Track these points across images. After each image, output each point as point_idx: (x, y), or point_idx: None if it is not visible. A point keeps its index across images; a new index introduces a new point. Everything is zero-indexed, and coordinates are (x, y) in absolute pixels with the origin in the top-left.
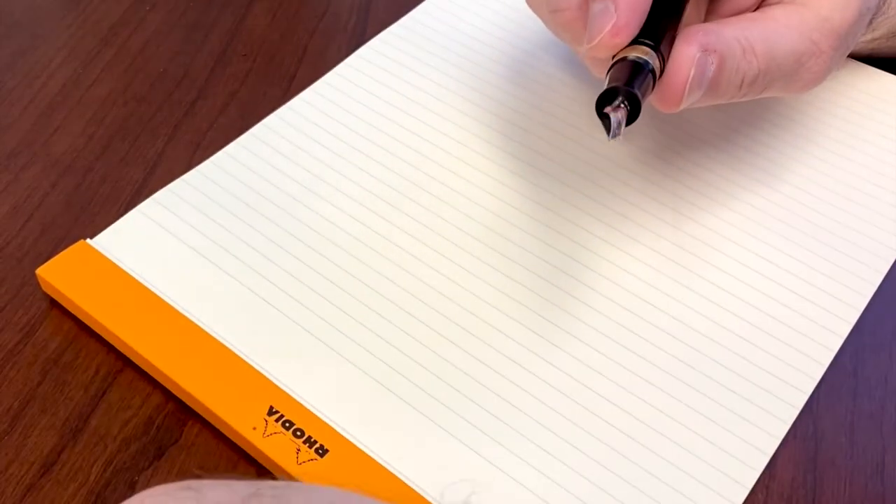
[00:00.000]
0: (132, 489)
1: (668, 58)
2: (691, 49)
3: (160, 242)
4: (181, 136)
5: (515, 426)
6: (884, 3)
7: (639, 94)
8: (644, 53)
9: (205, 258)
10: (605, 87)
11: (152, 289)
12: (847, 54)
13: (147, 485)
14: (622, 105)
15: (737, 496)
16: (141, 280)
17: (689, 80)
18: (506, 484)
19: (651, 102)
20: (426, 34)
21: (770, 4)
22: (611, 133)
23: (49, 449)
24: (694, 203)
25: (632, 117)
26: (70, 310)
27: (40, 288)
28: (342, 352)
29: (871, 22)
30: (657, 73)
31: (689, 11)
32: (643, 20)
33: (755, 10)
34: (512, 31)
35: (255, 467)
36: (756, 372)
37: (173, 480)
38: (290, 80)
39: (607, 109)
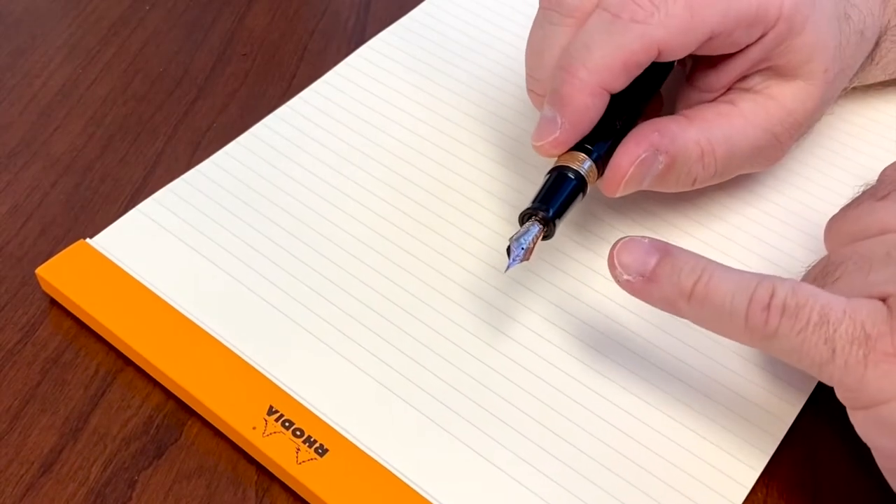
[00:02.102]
0: (132, 488)
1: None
2: (638, 149)
3: (160, 242)
4: (181, 135)
5: (516, 426)
6: (869, 60)
7: (553, 219)
8: (580, 163)
9: (204, 258)
10: (532, 199)
11: (152, 288)
12: (815, 124)
13: (147, 484)
14: (537, 224)
15: (737, 496)
16: (140, 280)
17: (627, 177)
18: (506, 483)
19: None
20: (426, 34)
21: (741, 91)
22: (510, 261)
23: (49, 448)
24: (696, 205)
25: (548, 235)
26: (70, 309)
27: (40, 288)
28: (342, 351)
29: (869, 62)
30: (593, 178)
31: (670, 79)
32: (584, 135)
33: (726, 95)
34: (511, 31)
35: (255, 467)
36: (756, 371)
37: (173, 480)
38: (289, 79)
39: (510, 240)
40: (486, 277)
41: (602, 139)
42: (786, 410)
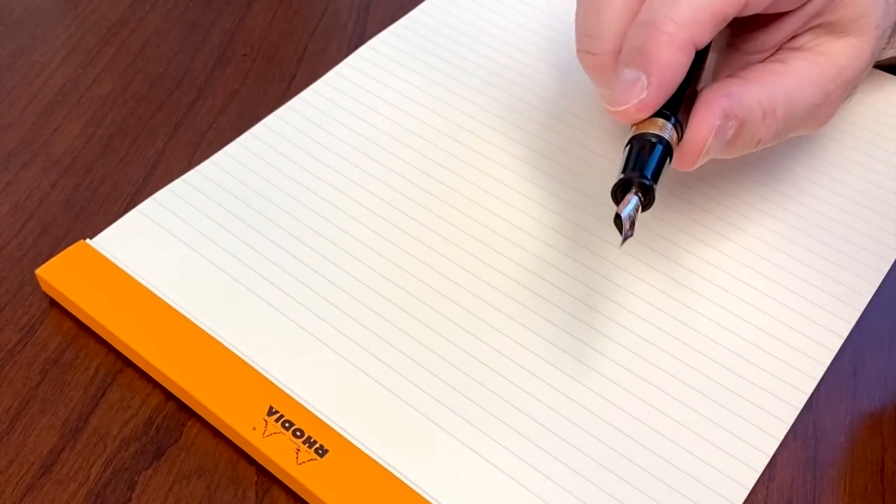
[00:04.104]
0: (132, 489)
1: (686, 121)
2: (713, 117)
3: (160, 243)
4: (181, 136)
5: (516, 426)
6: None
7: (653, 185)
8: (661, 128)
9: (204, 258)
10: (619, 172)
11: (152, 289)
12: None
13: (147, 485)
14: (636, 196)
15: (737, 496)
16: (140, 280)
17: (707, 146)
18: (506, 484)
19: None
20: (426, 34)
21: (791, 49)
22: (623, 237)
23: (49, 449)
24: (695, 203)
25: (647, 205)
26: (70, 310)
27: (40, 288)
28: (342, 352)
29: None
30: (675, 143)
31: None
32: (670, 95)
33: (775, 55)
34: (511, 31)
35: (255, 467)
36: (756, 372)
37: (173, 480)
38: (289, 80)
39: (620, 209)
40: (487, 279)
41: (676, 102)
42: (786, 411)
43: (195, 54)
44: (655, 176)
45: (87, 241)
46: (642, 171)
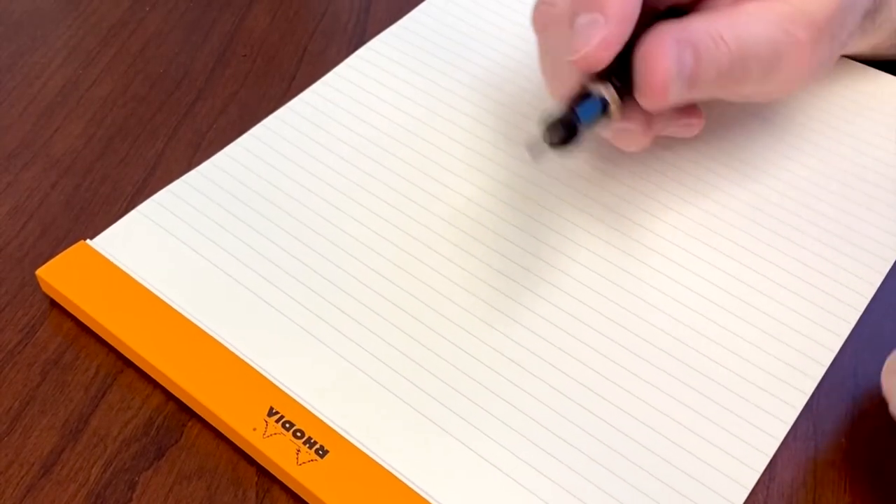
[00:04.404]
0: (132, 490)
1: (632, 74)
2: (667, 44)
3: (160, 243)
4: (181, 136)
5: (515, 426)
6: (882, 2)
7: (578, 121)
8: (598, 87)
9: (204, 259)
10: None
11: (152, 289)
12: (835, 53)
13: (147, 486)
14: (558, 125)
15: (737, 496)
16: (141, 281)
17: (673, 74)
18: (506, 484)
19: (639, 101)
20: (426, 34)
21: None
22: (531, 153)
23: (49, 449)
24: (694, 203)
25: (569, 140)
26: (70, 310)
27: (40, 289)
28: (342, 352)
29: (871, 20)
30: (616, 104)
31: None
32: (629, 34)
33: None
34: (511, 32)
35: (256, 468)
36: (756, 372)
37: (173, 481)
38: (289, 80)
39: (541, 126)
40: (488, 279)
41: (618, 69)
42: (786, 411)
43: (195, 55)
44: (584, 112)
45: (88, 241)
46: (572, 110)
